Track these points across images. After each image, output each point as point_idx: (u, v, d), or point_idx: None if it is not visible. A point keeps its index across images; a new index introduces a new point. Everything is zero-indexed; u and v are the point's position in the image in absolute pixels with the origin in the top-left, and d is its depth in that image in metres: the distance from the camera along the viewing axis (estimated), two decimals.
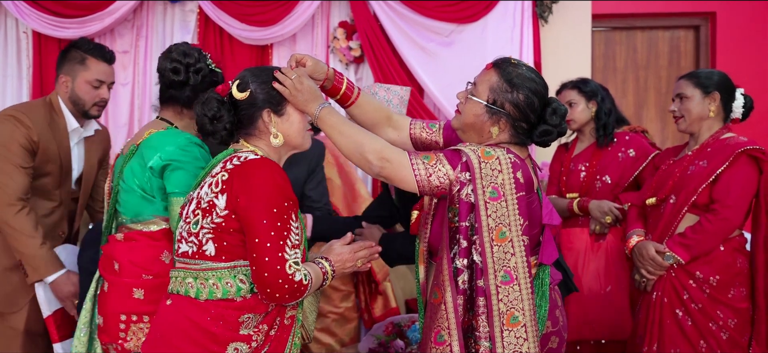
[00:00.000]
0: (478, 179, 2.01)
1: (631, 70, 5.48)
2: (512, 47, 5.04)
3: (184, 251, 1.98)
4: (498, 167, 2.03)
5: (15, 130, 2.79)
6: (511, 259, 2.02)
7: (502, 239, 2.01)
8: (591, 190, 3.48)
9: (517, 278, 2.01)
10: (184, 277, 1.97)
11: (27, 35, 5.24)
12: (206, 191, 1.95)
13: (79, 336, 2.37)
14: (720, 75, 3.04)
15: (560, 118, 2.14)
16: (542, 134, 2.14)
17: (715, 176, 2.86)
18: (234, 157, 1.97)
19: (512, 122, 2.12)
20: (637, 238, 3.04)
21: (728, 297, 2.86)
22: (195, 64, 2.38)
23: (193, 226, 1.96)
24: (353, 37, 5.14)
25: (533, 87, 2.13)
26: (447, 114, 5.07)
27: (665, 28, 5.46)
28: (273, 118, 2.04)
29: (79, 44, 2.98)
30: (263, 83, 2.05)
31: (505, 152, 2.07)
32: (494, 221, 2.00)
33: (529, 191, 2.07)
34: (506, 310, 2.00)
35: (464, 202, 2.02)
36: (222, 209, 1.91)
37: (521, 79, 2.13)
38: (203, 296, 1.92)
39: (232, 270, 1.93)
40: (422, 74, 5.04)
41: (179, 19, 5.24)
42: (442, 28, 5.06)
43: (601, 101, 3.51)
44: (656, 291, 2.95)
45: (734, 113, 3.00)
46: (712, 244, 2.86)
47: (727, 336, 2.85)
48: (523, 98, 2.11)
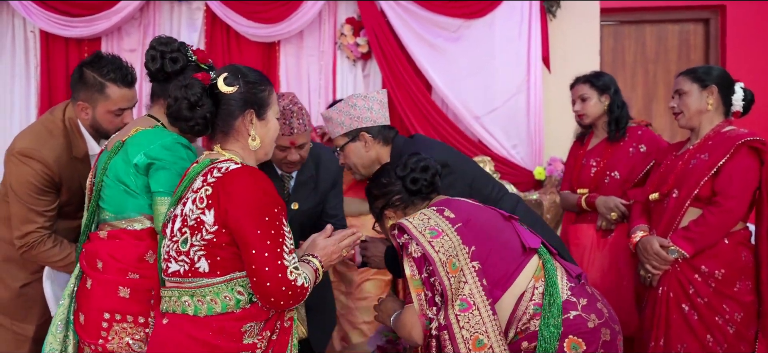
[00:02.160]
0: (413, 230, 2.19)
1: (640, 65, 5.44)
2: (520, 42, 5.02)
3: (175, 271, 1.92)
4: (425, 216, 2.26)
5: (33, 173, 2.66)
6: (464, 287, 2.14)
7: (455, 270, 2.14)
8: (601, 185, 3.47)
9: (475, 303, 2.13)
10: (179, 296, 1.92)
11: (35, 34, 5.26)
12: (191, 208, 1.89)
13: (55, 332, 2.33)
14: (717, 69, 3.05)
15: (413, 163, 2.40)
16: (412, 183, 2.40)
17: (717, 168, 2.86)
18: (213, 168, 1.90)
19: (392, 205, 2.44)
20: (641, 233, 3.03)
21: (734, 290, 2.85)
22: (171, 53, 2.30)
23: (182, 244, 1.90)
24: (360, 33, 5.12)
25: (378, 178, 2.49)
26: (455, 109, 5.05)
27: (674, 22, 5.42)
28: (255, 120, 2.00)
29: (96, 65, 2.71)
30: (250, 84, 2.00)
31: (427, 207, 2.36)
32: (444, 254, 2.15)
33: (464, 220, 2.24)
34: (470, 336, 2.11)
35: (415, 257, 2.18)
36: (211, 224, 1.85)
37: (368, 187, 2.52)
38: (202, 312, 1.88)
39: (228, 283, 1.89)
40: (430, 70, 5.03)
41: (186, 16, 5.24)
42: (449, 23, 5.04)
43: (614, 94, 3.50)
44: (662, 286, 2.94)
45: (735, 107, 3.00)
46: (716, 237, 2.85)
47: (734, 330, 2.84)
48: (378, 192, 2.47)
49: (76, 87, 2.73)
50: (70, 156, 2.75)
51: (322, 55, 5.23)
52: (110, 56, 2.74)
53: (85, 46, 5.22)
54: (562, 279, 2.26)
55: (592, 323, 2.20)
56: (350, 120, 2.70)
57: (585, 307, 2.22)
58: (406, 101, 5.04)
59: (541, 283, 2.22)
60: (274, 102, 2.08)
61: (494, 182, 2.82)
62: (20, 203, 2.66)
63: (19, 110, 5.26)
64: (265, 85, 2.05)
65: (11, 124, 5.23)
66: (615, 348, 2.26)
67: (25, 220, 2.66)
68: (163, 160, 2.25)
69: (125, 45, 5.24)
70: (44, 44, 5.23)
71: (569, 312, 2.19)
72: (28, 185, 2.65)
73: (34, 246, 2.67)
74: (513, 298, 2.20)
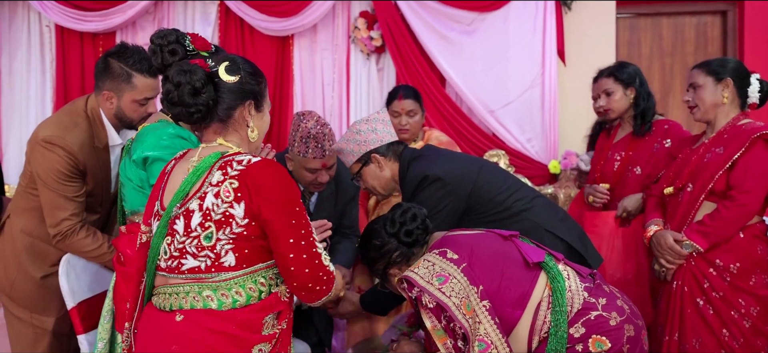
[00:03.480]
0: (420, 281, 2.21)
1: (656, 57, 5.40)
2: (535, 35, 5.00)
3: (194, 267, 1.86)
4: (429, 261, 2.26)
5: (59, 160, 2.68)
6: (479, 328, 2.16)
7: (470, 311, 2.16)
8: (623, 180, 3.41)
9: (492, 342, 2.15)
10: (199, 290, 1.86)
11: (50, 29, 5.29)
12: (215, 202, 1.83)
13: (103, 323, 2.40)
14: (733, 61, 3.00)
15: (397, 223, 2.42)
16: (407, 235, 2.41)
17: (732, 162, 2.82)
18: (230, 161, 1.86)
19: (394, 262, 2.44)
20: (656, 228, 3.00)
21: (749, 284, 2.82)
22: (168, 45, 2.25)
23: (204, 240, 1.84)
24: (374, 27, 5.11)
25: (376, 241, 2.47)
26: (469, 103, 5.03)
27: (691, 14, 5.37)
28: (253, 111, 1.98)
29: (122, 55, 2.74)
30: (250, 74, 1.98)
31: (428, 251, 2.36)
32: (457, 297, 2.16)
33: (467, 258, 2.25)
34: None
35: (431, 308, 2.19)
36: (241, 217, 1.82)
37: (364, 252, 2.54)
38: (227, 305, 1.86)
39: (252, 275, 1.88)
40: (444, 64, 5.01)
41: (200, 11, 5.26)
42: (463, 16, 5.02)
43: (640, 85, 3.39)
44: (676, 280, 2.91)
45: (751, 99, 2.96)
46: (731, 231, 2.81)
47: (750, 324, 2.81)
48: (374, 254, 2.47)
49: (101, 77, 2.76)
50: (92, 145, 2.77)
51: (335, 49, 5.23)
52: (135, 47, 2.77)
53: (100, 40, 5.25)
54: (575, 281, 2.27)
55: (614, 321, 2.22)
56: (358, 146, 2.78)
57: (605, 306, 2.25)
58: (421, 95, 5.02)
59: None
60: (267, 96, 2.08)
61: (505, 184, 2.78)
62: (49, 191, 2.69)
63: (34, 104, 5.30)
64: (261, 77, 2.03)
65: (27, 118, 5.27)
66: (640, 342, 2.28)
67: (56, 206, 2.69)
68: (157, 153, 2.30)
69: (140, 39, 5.25)
70: (59, 39, 5.26)
71: (590, 312, 2.22)
72: (55, 172, 2.67)
73: (68, 235, 2.69)
74: (531, 312, 2.24)
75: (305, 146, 2.85)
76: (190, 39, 2.33)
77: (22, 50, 5.30)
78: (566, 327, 2.18)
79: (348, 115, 5.21)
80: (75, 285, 2.71)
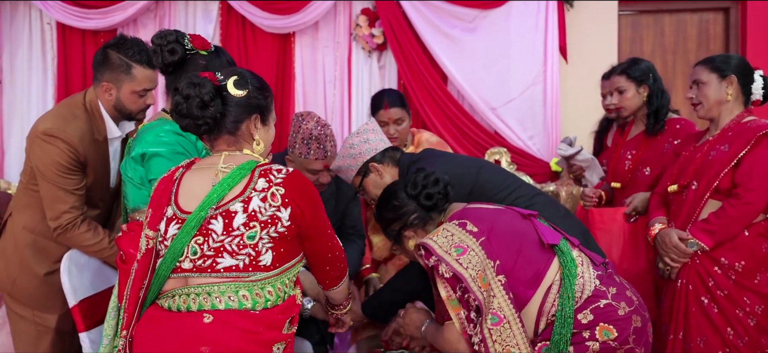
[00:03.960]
0: (439, 250, 2.22)
1: (658, 55, 5.38)
2: (537, 33, 4.98)
3: (231, 265, 1.91)
4: (448, 231, 2.27)
5: (59, 153, 2.69)
6: (493, 301, 2.18)
7: (485, 284, 2.18)
8: (634, 180, 3.39)
9: (505, 316, 2.17)
10: (235, 290, 1.91)
11: (51, 26, 5.28)
12: (261, 205, 1.92)
13: (108, 320, 2.39)
14: (736, 58, 2.99)
15: (420, 184, 2.45)
16: (427, 198, 2.44)
17: (737, 159, 2.82)
18: (270, 169, 1.98)
19: (410, 224, 2.47)
20: (660, 226, 3.00)
21: (754, 282, 2.82)
22: (168, 45, 2.35)
23: (247, 238, 1.91)
24: (376, 24, 5.10)
25: (388, 203, 2.51)
26: (471, 100, 5.02)
27: (693, 11, 5.36)
28: (259, 125, 2.07)
29: (121, 46, 2.77)
30: (258, 89, 2.05)
31: (447, 220, 2.36)
32: (473, 270, 2.17)
33: (486, 232, 2.26)
34: (502, 350, 2.16)
35: (447, 278, 2.21)
36: (286, 220, 1.95)
37: (381, 210, 2.56)
38: (259, 306, 1.93)
39: (280, 275, 1.98)
40: (446, 61, 5.00)
41: (201, 8, 5.25)
42: (465, 13, 5.01)
43: (653, 83, 3.36)
44: (681, 278, 2.91)
45: (754, 96, 2.96)
46: (736, 229, 2.81)
47: (755, 323, 2.81)
48: (391, 215, 2.50)
49: (100, 68, 2.78)
50: (92, 137, 2.78)
51: (337, 47, 5.22)
52: (134, 38, 2.80)
53: (102, 37, 5.23)
54: (588, 268, 2.29)
55: (623, 311, 2.25)
56: (354, 160, 2.83)
57: (615, 295, 2.28)
58: (422, 93, 5.02)
59: None
60: (273, 110, 2.16)
61: (505, 183, 2.78)
62: (49, 184, 2.70)
63: (36, 101, 5.29)
64: (268, 91, 2.11)
65: (29, 115, 5.26)
66: (645, 334, 2.31)
67: (56, 199, 2.70)
68: (155, 149, 2.33)
69: (141, 37, 5.17)
70: (61, 36, 5.25)
71: (600, 300, 2.25)
72: (55, 164, 2.68)
73: (69, 228, 2.71)
74: (542, 293, 2.25)
75: (307, 147, 2.86)
76: (189, 38, 2.35)
77: (24, 48, 5.29)
78: (572, 312, 2.20)
79: (349, 113, 5.20)
80: (77, 283, 2.71)
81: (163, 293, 2.00)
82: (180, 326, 1.91)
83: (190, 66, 2.43)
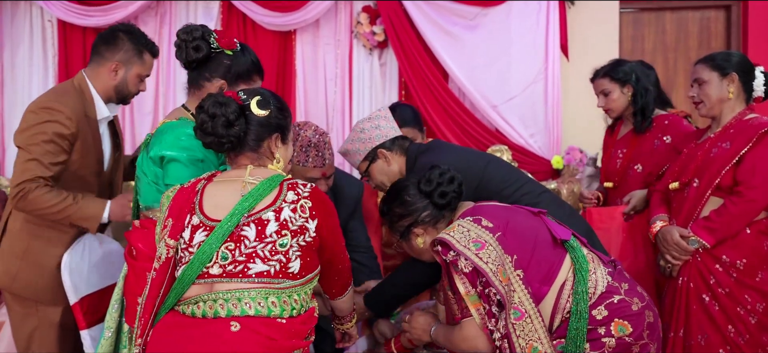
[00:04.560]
0: (458, 245, 2.20)
1: (659, 53, 5.38)
2: (538, 30, 4.98)
3: (263, 271, 1.96)
4: (464, 227, 2.25)
5: (50, 124, 2.70)
6: (514, 296, 2.18)
7: (505, 278, 2.17)
8: (626, 178, 3.41)
9: (526, 311, 2.17)
10: (265, 296, 1.96)
11: (52, 24, 5.28)
12: (292, 216, 2.01)
13: (111, 312, 2.41)
14: (737, 55, 2.98)
15: (435, 180, 2.42)
16: (441, 197, 2.41)
17: (739, 157, 2.80)
18: (296, 183, 2.07)
19: (421, 222, 2.43)
20: (661, 223, 2.99)
21: (756, 280, 2.81)
22: (193, 41, 2.37)
23: (279, 245, 1.98)
24: (377, 21, 5.10)
25: (400, 196, 2.47)
26: (472, 98, 5.02)
27: (695, 9, 5.35)
28: (280, 144, 2.14)
29: (135, 33, 2.89)
30: (279, 109, 2.13)
31: (460, 217, 2.34)
32: (493, 264, 2.16)
33: (502, 228, 2.25)
34: (526, 344, 2.16)
35: (467, 273, 2.19)
36: (313, 231, 2.03)
37: (391, 201, 2.51)
38: (286, 314, 1.98)
39: (307, 284, 2.05)
40: (446, 58, 5.00)
41: (202, 6, 5.25)
42: (466, 11, 5.01)
43: (636, 82, 3.39)
44: (682, 276, 2.90)
45: (756, 92, 2.94)
46: (738, 227, 2.80)
47: (756, 320, 2.80)
48: (401, 209, 2.47)
49: (110, 49, 2.86)
50: (84, 113, 2.80)
51: (338, 44, 5.22)
52: (138, 28, 2.95)
53: None
54: (598, 266, 2.29)
55: (636, 306, 2.25)
56: (364, 144, 2.83)
57: (627, 291, 2.28)
58: (423, 90, 5.02)
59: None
60: (291, 128, 2.23)
61: (512, 179, 2.77)
62: (27, 154, 2.68)
63: None
64: (287, 112, 2.19)
65: None
66: (657, 329, 2.32)
67: (27, 169, 2.67)
68: (173, 154, 2.31)
69: None
70: (61, 34, 5.25)
71: (613, 296, 2.25)
72: (43, 134, 2.67)
73: (30, 190, 2.66)
74: (556, 290, 2.25)
75: (305, 155, 2.87)
76: (216, 37, 2.37)
77: (25, 46, 5.29)
78: (587, 308, 2.20)
79: (350, 110, 5.20)
80: (77, 281, 2.71)
81: (185, 299, 2.00)
82: (205, 333, 1.91)
83: (214, 64, 2.45)
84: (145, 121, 5.23)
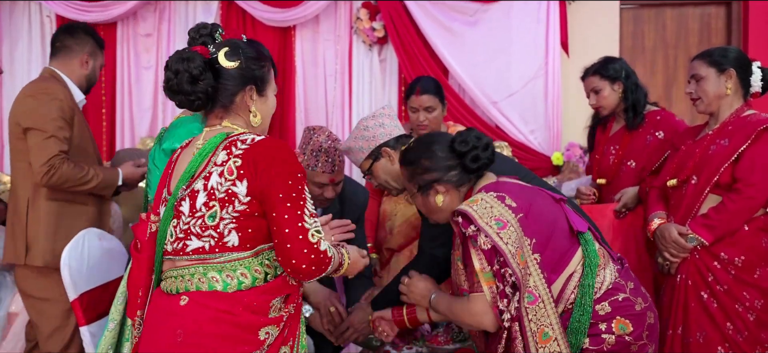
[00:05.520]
0: (480, 221, 2.13)
1: (660, 49, 5.37)
2: (538, 26, 4.98)
3: (198, 247, 1.88)
4: (487, 203, 2.17)
5: (51, 103, 3.02)
6: (529, 279, 2.14)
7: (523, 261, 2.12)
8: (619, 175, 3.41)
9: (540, 295, 2.14)
10: (204, 272, 1.88)
11: (50, 19, 5.27)
12: (219, 181, 1.85)
13: (116, 305, 2.40)
14: (734, 51, 2.98)
15: (472, 140, 2.30)
16: (473, 161, 2.29)
17: (738, 154, 2.80)
18: (235, 141, 1.88)
19: (444, 181, 2.32)
20: (659, 221, 2.98)
21: (754, 277, 2.80)
22: (200, 38, 2.31)
23: (208, 219, 1.86)
24: (377, 17, 5.09)
25: (430, 148, 2.36)
26: (472, 94, 5.02)
27: (695, 5, 5.34)
28: (255, 96, 1.99)
29: (91, 31, 3.32)
30: (252, 59, 1.98)
31: (484, 191, 2.23)
32: (513, 246, 2.11)
33: (525, 210, 2.18)
34: (537, 329, 2.13)
35: (485, 250, 2.13)
36: (244, 195, 1.84)
37: (416, 152, 2.39)
38: (232, 287, 1.86)
39: (257, 256, 1.89)
40: (446, 55, 4.99)
41: (202, 1, 5.23)
42: (466, 7, 5.00)
43: (626, 78, 3.42)
44: (680, 273, 2.90)
45: (753, 88, 2.94)
46: (736, 224, 2.80)
47: (754, 317, 2.80)
48: (428, 162, 2.34)
49: (80, 43, 3.27)
50: (70, 96, 3.16)
51: (338, 40, 5.21)
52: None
53: (101, 31, 5.22)
54: (608, 263, 2.29)
55: (639, 306, 2.24)
56: (367, 142, 2.79)
57: (632, 291, 2.27)
58: None
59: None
60: (272, 79, 2.07)
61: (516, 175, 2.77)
62: (41, 132, 3.00)
63: None
64: (264, 61, 2.02)
65: None
66: (656, 331, 2.31)
67: (46, 147, 2.98)
68: None
69: (141, 30, 5.24)
70: None
71: (618, 293, 2.23)
72: (49, 113, 3.01)
73: (57, 167, 2.97)
74: (563, 280, 2.23)
75: (315, 159, 2.87)
76: (222, 32, 2.37)
77: (23, 41, 5.29)
78: (591, 302, 2.19)
79: (350, 106, 5.19)
80: (77, 277, 2.70)
81: (163, 274, 2.00)
82: (165, 309, 1.91)
83: None
84: (145, 117, 5.23)
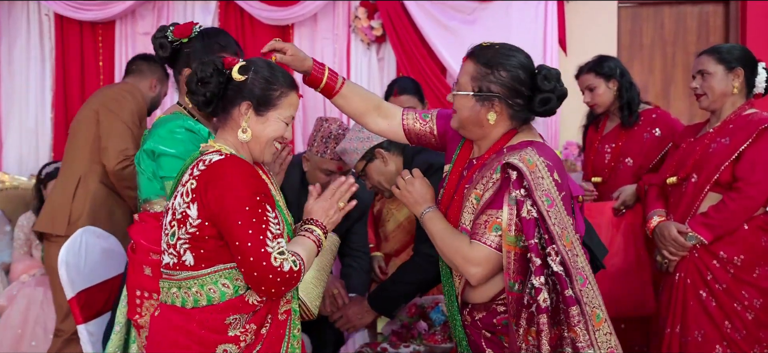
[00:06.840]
0: (535, 191, 1.96)
1: (658, 47, 5.37)
2: (536, 25, 4.98)
3: (167, 263, 1.96)
4: (540, 173, 1.99)
5: (135, 101, 3.44)
6: (578, 260, 2.02)
7: (568, 242, 1.98)
8: (616, 173, 3.41)
9: (587, 276, 2.02)
10: (169, 287, 1.96)
11: (49, 18, 5.27)
12: (179, 201, 1.89)
13: (121, 308, 2.42)
14: (742, 49, 2.97)
15: (555, 80, 2.10)
16: (542, 103, 2.09)
17: (738, 153, 2.80)
18: (199, 162, 1.90)
19: (506, 102, 2.10)
20: (659, 219, 2.98)
21: (753, 276, 2.80)
22: (157, 41, 2.41)
23: (170, 237, 1.92)
24: (375, 16, 5.09)
25: (513, 62, 2.12)
26: None
27: (693, 3, 5.34)
28: (250, 113, 1.96)
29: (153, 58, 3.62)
30: (263, 79, 1.98)
31: (537, 153, 2.03)
32: (559, 227, 1.97)
33: (565, 188, 2.05)
34: (590, 311, 1.99)
35: (527, 220, 1.95)
36: (195, 218, 1.86)
37: (498, 57, 2.14)
38: (189, 304, 1.92)
39: (213, 275, 1.90)
40: (445, 53, 5.00)
41: (200, 2, 5.23)
42: (464, 6, 5.00)
43: (621, 77, 3.42)
44: (679, 272, 2.89)
45: (757, 88, 2.93)
46: (736, 223, 2.80)
47: (753, 317, 2.79)
48: (505, 75, 2.10)
49: (153, 69, 3.68)
50: (144, 107, 3.60)
51: (336, 39, 5.21)
52: None
53: (99, 29, 5.23)
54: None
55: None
56: (362, 143, 2.79)
57: None
58: (421, 85, 5.00)
59: None
60: (284, 107, 2.02)
61: None
62: (122, 123, 3.38)
63: (34, 93, 5.28)
64: (278, 86, 2.01)
65: (27, 107, 5.26)
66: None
67: (124, 137, 3.35)
68: (164, 146, 2.32)
69: (139, 28, 5.24)
70: (59, 27, 5.24)
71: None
72: (130, 110, 3.41)
73: (128, 164, 3.29)
74: None
75: (325, 146, 2.89)
76: (172, 31, 2.39)
77: (22, 39, 5.28)
78: None
79: None
80: (74, 275, 2.71)
81: None
82: (151, 317, 2.08)
83: (180, 57, 2.45)
84: None
